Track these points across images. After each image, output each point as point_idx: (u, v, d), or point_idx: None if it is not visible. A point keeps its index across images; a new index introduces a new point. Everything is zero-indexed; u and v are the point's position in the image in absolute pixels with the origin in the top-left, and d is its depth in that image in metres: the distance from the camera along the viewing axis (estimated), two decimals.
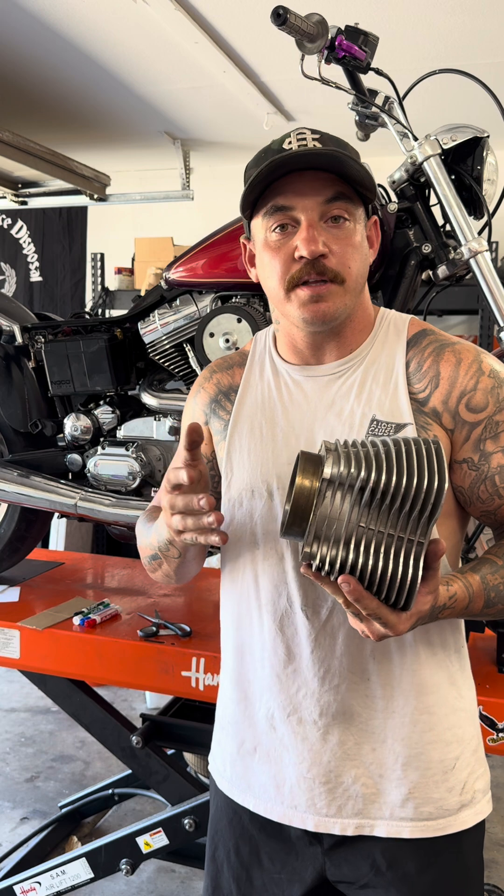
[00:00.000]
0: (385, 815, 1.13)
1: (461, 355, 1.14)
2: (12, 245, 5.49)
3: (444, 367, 1.14)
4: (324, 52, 1.69)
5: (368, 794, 1.13)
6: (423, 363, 1.15)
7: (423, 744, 1.13)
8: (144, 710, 3.63)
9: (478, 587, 1.07)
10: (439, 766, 1.14)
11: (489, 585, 1.09)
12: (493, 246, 2.49)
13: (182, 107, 3.79)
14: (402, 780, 1.12)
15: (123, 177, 4.37)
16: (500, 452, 1.13)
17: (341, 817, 1.14)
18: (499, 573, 1.10)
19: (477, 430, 1.13)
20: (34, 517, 2.46)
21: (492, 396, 1.13)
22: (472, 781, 1.17)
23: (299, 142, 1.09)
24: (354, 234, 1.11)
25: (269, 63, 3.21)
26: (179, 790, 2.09)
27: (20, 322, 2.33)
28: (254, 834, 1.23)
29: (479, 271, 1.72)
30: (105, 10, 2.73)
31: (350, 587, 0.92)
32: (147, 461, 2.21)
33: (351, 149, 1.14)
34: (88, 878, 2.16)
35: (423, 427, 1.12)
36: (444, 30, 2.85)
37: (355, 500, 0.93)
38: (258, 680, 1.19)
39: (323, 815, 1.15)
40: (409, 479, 0.91)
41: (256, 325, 1.94)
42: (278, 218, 1.11)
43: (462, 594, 1.06)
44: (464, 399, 1.13)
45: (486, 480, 1.14)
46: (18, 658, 2.14)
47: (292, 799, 1.17)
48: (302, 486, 0.95)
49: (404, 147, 1.78)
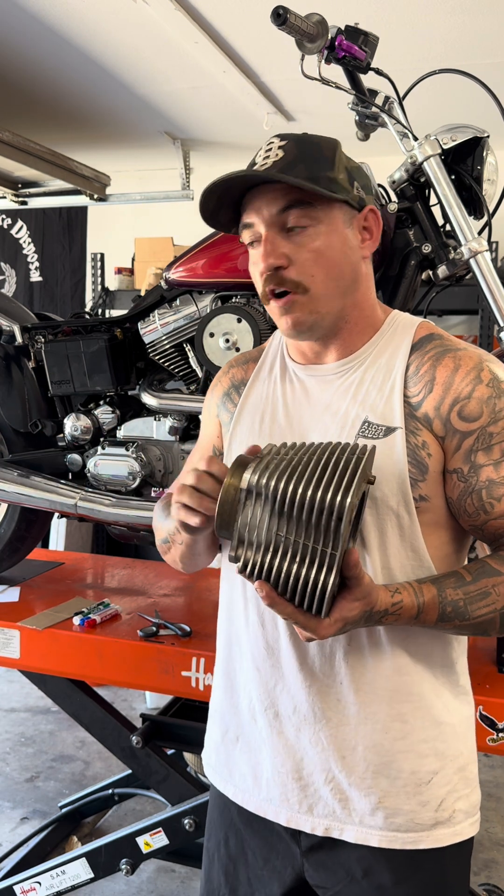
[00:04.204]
0: (355, 821, 1.13)
1: (461, 361, 1.11)
2: (12, 245, 5.49)
3: (440, 372, 1.11)
4: (324, 52, 1.69)
5: (339, 798, 1.14)
6: (420, 367, 1.13)
7: (394, 752, 1.12)
8: (144, 710, 3.63)
9: (430, 599, 1.05)
10: (411, 778, 1.12)
11: (447, 599, 1.05)
12: (493, 246, 2.49)
13: (182, 107, 3.79)
14: (372, 787, 1.12)
15: (123, 177, 4.37)
16: (490, 466, 1.09)
17: (312, 816, 1.16)
18: (462, 589, 1.06)
19: (469, 441, 1.09)
20: (34, 517, 2.46)
21: (487, 406, 1.09)
22: (451, 800, 1.14)
23: (266, 153, 1.11)
24: (315, 240, 1.10)
25: (269, 63, 3.21)
26: (179, 790, 2.09)
27: (20, 322, 2.33)
28: (241, 828, 1.25)
29: (479, 271, 1.72)
30: (105, 10, 2.73)
31: (264, 592, 0.97)
32: (147, 461, 2.21)
33: (318, 148, 1.11)
34: (88, 878, 2.16)
35: (412, 432, 1.10)
36: (444, 30, 2.85)
37: (270, 508, 0.97)
38: (243, 671, 1.21)
39: (295, 812, 1.17)
40: (314, 490, 0.94)
41: (256, 325, 1.94)
42: (248, 234, 1.15)
43: (409, 603, 1.04)
44: (456, 406, 1.09)
45: (472, 493, 1.10)
46: (18, 658, 2.14)
47: (268, 791, 1.19)
48: (227, 491, 0.99)
49: (404, 147, 1.78)
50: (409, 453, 1.10)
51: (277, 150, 1.10)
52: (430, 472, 1.10)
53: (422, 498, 1.10)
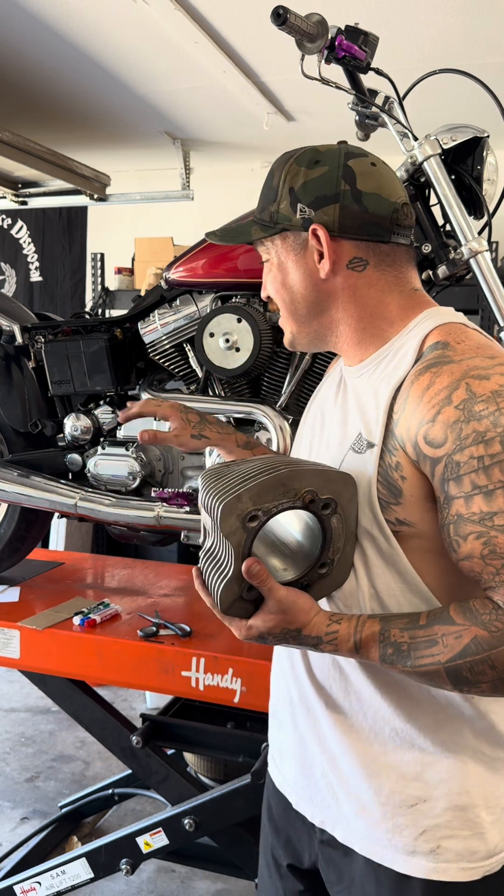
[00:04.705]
0: (342, 822, 1.13)
1: (437, 377, 0.99)
2: (12, 245, 5.49)
3: (415, 389, 1.01)
4: (324, 52, 1.69)
5: (331, 794, 1.15)
6: (406, 381, 1.04)
7: (377, 766, 1.09)
8: (144, 710, 3.63)
9: (369, 636, 0.99)
10: (390, 798, 1.08)
11: (389, 640, 0.98)
12: (493, 246, 2.49)
13: (182, 107, 3.79)
14: (355, 793, 1.11)
15: (123, 177, 4.37)
16: (461, 499, 0.96)
17: (312, 806, 1.19)
18: (410, 632, 0.98)
19: (439, 468, 0.98)
20: (34, 517, 2.46)
21: (451, 431, 0.96)
22: (438, 835, 1.06)
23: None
24: (268, 275, 1.18)
25: (269, 63, 3.21)
26: (179, 790, 2.09)
27: (20, 322, 2.33)
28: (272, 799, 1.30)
29: (479, 271, 1.72)
30: (105, 10, 2.73)
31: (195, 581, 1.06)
32: (147, 461, 2.21)
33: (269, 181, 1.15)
34: (88, 878, 2.16)
35: (389, 451, 1.03)
36: (444, 30, 2.85)
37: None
38: (281, 651, 1.26)
39: (301, 797, 1.21)
40: (213, 507, 1.00)
41: (256, 325, 1.94)
42: None
43: (344, 635, 1.00)
44: (422, 429, 0.99)
45: (445, 528, 0.99)
46: (18, 658, 2.14)
47: (285, 771, 1.24)
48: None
49: (404, 147, 1.78)
50: (382, 472, 1.03)
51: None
52: (406, 496, 1.02)
53: (400, 522, 1.03)
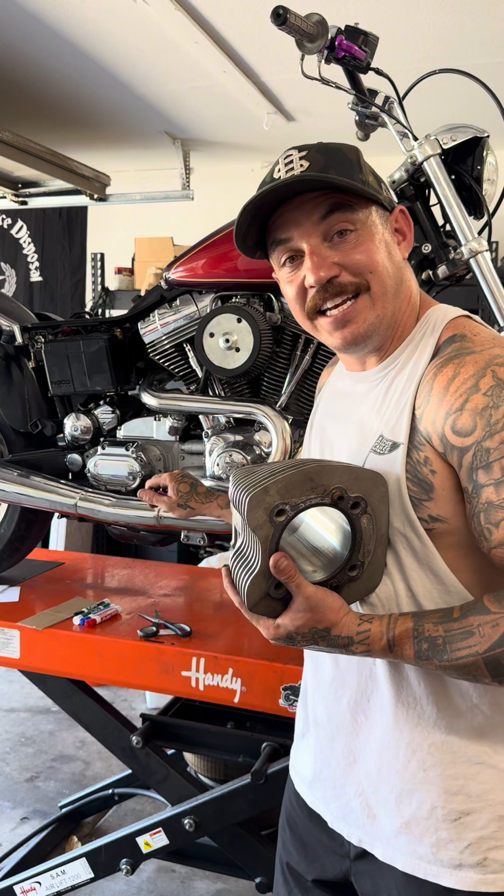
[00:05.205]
0: (382, 839, 1.11)
1: (461, 368, 1.00)
2: (12, 245, 5.49)
3: (438, 381, 1.01)
4: (324, 52, 1.69)
5: (367, 813, 1.12)
6: (427, 375, 1.04)
7: (417, 782, 1.06)
8: (144, 710, 3.63)
9: (402, 632, 0.98)
10: (433, 813, 1.06)
11: (423, 635, 0.97)
12: (493, 246, 2.49)
13: (182, 107, 3.79)
14: (396, 812, 1.08)
15: (123, 177, 4.37)
16: (491, 486, 0.96)
17: (347, 825, 1.16)
18: (444, 625, 0.96)
19: (467, 457, 0.97)
20: (34, 517, 2.46)
21: (481, 418, 0.96)
22: (485, 846, 1.04)
23: (287, 166, 1.06)
24: (364, 240, 1.06)
25: (269, 63, 3.21)
26: (179, 790, 2.09)
27: (20, 322, 2.33)
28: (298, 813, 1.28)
29: (479, 271, 1.72)
30: (105, 10, 2.73)
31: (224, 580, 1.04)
32: (147, 461, 2.21)
33: (342, 154, 1.08)
34: (88, 878, 2.16)
35: (416, 448, 1.02)
36: (444, 30, 2.85)
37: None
38: (308, 674, 1.25)
39: (334, 816, 1.18)
40: (241, 500, 0.99)
41: (256, 326, 1.94)
42: (283, 251, 1.10)
43: (377, 634, 0.99)
44: (449, 420, 0.99)
45: (475, 517, 0.99)
46: (18, 658, 2.14)
47: (316, 791, 1.22)
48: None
49: (404, 147, 1.78)
50: (410, 470, 1.02)
51: (300, 161, 1.05)
52: (438, 491, 1.01)
53: (433, 519, 1.02)
